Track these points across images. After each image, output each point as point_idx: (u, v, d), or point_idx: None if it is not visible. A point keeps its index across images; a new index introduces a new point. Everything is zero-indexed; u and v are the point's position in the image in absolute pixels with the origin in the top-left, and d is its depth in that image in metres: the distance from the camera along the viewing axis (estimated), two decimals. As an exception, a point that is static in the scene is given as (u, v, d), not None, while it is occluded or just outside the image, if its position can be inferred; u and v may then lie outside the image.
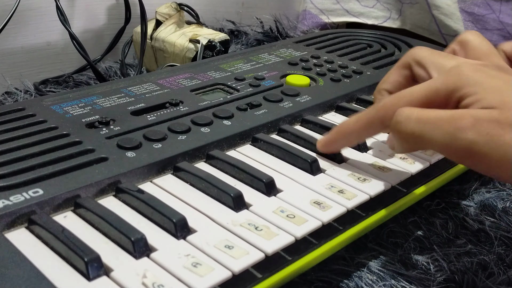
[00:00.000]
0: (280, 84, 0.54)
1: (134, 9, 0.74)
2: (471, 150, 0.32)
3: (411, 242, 0.42)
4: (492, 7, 0.78)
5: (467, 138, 0.32)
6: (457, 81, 0.35)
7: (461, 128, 0.32)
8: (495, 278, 0.39)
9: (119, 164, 0.38)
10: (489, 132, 0.32)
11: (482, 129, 0.32)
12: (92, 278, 0.29)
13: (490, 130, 0.32)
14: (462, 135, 0.32)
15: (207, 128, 0.44)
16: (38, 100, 0.47)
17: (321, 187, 0.39)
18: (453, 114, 0.33)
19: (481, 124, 0.32)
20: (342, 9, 0.94)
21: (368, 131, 0.40)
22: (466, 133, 0.32)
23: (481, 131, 0.32)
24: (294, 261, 0.33)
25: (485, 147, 0.32)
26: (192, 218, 0.35)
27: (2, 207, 0.33)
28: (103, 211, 0.34)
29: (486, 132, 0.32)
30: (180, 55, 0.67)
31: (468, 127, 0.32)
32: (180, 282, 0.30)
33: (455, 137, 0.33)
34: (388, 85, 0.43)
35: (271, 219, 0.35)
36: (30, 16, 0.68)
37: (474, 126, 0.32)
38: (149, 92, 0.50)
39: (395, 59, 0.65)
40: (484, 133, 0.32)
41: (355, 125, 0.40)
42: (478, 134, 0.32)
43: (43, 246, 0.32)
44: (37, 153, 0.38)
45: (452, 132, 0.33)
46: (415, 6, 0.86)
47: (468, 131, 0.32)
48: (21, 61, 0.69)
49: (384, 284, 0.38)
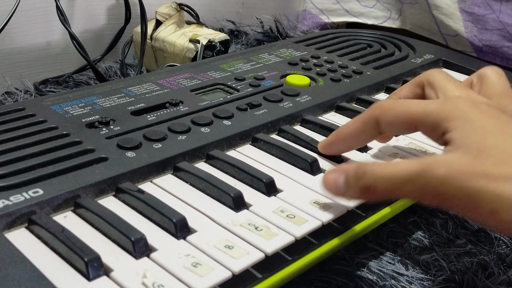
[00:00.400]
0: (280, 84, 0.54)
1: (134, 9, 0.74)
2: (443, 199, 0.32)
3: (411, 242, 0.42)
4: (492, 7, 0.78)
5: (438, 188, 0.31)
6: (450, 111, 0.34)
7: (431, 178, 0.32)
8: (495, 278, 0.39)
9: (119, 164, 0.38)
10: (459, 179, 0.31)
11: (452, 178, 0.31)
12: (92, 278, 0.29)
13: (459, 177, 0.31)
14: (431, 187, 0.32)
15: (207, 128, 0.44)
16: (38, 100, 0.47)
17: (321, 187, 0.39)
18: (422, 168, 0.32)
19: (451, 172, 0.31)
20: (342, 9, 0.94)
21: (365, 131, 0.40)
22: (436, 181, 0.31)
23: (452, 181, 0.31)
24: (294, 261, 0.33)
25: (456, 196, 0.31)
26: (192, 218, 0.35)
27: (2, 207, 0.33)
28: (103, 211, 0.34)
29: (456, 180, 0.31)
30: (180, 55, 0.67)
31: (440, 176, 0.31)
32: (180, 282, 0.30)
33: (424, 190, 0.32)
34: (397, 98, 0.43)
35: (271, 219, 0.35)
36: (30, 16, 0.68)
37: (446, 174, 0.31)
38: (149, 92, 0.50)
39: (395, 59, 0.65)
40: (455, 182, 0.31)
41: (352, 126, 0.40)
42: (449, 184, 0.31)
43: (43, 246, 0.32)
44: (37, 153, 0.38)
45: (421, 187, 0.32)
46: (415, 6, 0.86)
47: (439, 179, 0.31)
48: (21, 61, 0.69)
49: (384, 284, 0.38)
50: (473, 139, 0.32)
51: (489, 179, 0.30)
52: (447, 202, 0.32)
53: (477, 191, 0.30)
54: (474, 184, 0.30)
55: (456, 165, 0.31)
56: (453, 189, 0.31)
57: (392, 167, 0.34)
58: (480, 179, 0.30)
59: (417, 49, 0.68)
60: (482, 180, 0.30)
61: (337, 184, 0.35)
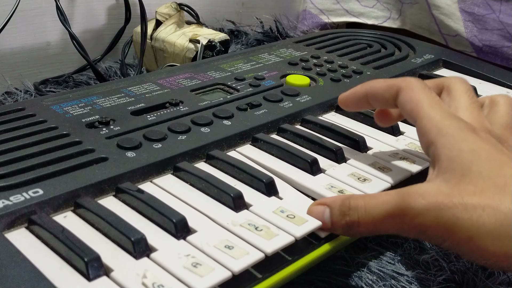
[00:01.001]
0: (280, 84, 0.54)
1: (134, 9, 0.74)
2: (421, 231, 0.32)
3: (411, 242, 0.42)
4: (492, 7, 0.78)
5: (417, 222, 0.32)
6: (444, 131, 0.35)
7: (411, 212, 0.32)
8: (495, 278, 0.39)
9: (119, 164, 0.38)
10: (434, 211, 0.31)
11: (428, 210, 0.31)
12: (92, 278, 0.29)
13: (434, 209, 0.31)
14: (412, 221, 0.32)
15: (207, 128, 0.44)
16: (38, 100, 0.47)
17: (321, 187, 0.39)
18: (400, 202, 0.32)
19: (426, 205, 0.31)
20: (342, 9, 0.94)
21: (385, 94, 0.39)
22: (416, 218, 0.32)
23: (427, 213, 0.31)
24: (294, 261, 0.33)
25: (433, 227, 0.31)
26: (192, 218, 0.35)
27: (2, 207, 0.33)
28: (103, 211, 0.34)
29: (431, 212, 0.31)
30: (180, 55, 0.67)
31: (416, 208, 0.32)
32: (180, 282, 0.30)
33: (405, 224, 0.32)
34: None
35: (271, 219, 0.35)
36: (30, 16, 0.68)
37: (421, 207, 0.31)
38: (149, 92, 0.50)
39: (395, 59, 0.65)
40: (429, 214, 0.31)
41: (378, 83, 0.40)
42: (424, 216, 0.31)
43: (43, 246, 0.32)
44: (37, 153, 0.38)
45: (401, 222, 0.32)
46: (415, 6, 0.86)
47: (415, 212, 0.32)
48: (21, 61, 0.69)
49: (384, 284, 0.38)
50: (458, 163, 0.33)
51: (466, 208, 0.30)
52: (424, 233, 0.32)
53: (452, 221, 0.31)
54: (449, 214, 0.31)
55: (433, 197, 0.32)
56: (429, 220, 0.31)
57: (373, 200, 0.34)
58: (456, 209, 0.31)
59: (417, 49, 0.68)
60: (457, 209, 0.31)
61: (321, 218, 0.35)
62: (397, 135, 0.48)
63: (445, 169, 0.33)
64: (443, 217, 0.31)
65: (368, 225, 0.33)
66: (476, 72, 0.64)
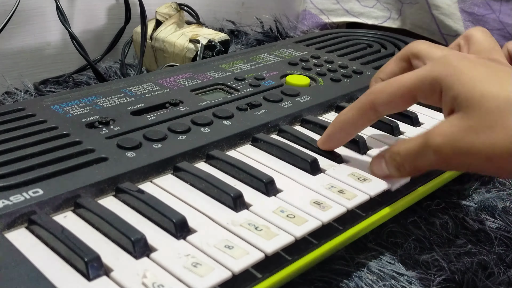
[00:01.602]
0: (280, 84, 0.54)
1: (134, 9, 0.74)
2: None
3: (411, 242, 0.42)
4: (492, 7, 0.78)
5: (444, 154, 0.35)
6: (442, 70, 0.36)
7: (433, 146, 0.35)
8: (495, 278, 0.39)
9: (119, 164, 0.38)
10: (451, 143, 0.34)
11: (446, 144, 0.34)
12: (92, 278, 0.29)
13: (451, 141, 0.34)
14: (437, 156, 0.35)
15: (207, 128, 0.44)
16: (38, 100, 0.47)
17: (321, 187, 0.39)
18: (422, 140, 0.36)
19: (444, 139, 0.34)
20: (342, 9, 0.94)
21: (362, 117, 0.41)
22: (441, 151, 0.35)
23: (446, 146, 0.34)
24: (294, 261, 0.33)
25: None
26: (192, 218, 0.35)
27: (2, 207, 0.33)
28: (103, 211, 0.34)
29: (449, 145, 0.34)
30: (180, 55, 0.67)
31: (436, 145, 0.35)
32: (180, 282, 0.30)
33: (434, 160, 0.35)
34: (384, 74, 0.45)
35: (271, 219, 0.35)
36: (30, 16, 0.68)
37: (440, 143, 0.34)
38: (149, 92, 0.50)
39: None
40: (448, 147, 0.34)
41: (348, 113, 0.41)
42: (445, 150, 0.34)
43: (43, 246, 0.32)
44: (37, 153, 0.38)
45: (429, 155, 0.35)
46: (415, 6, 0.86)
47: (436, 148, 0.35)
48: (21, 61, 0.69)
49: (384, 284, 0.38)
50: (463, 93, 0.34)
51: (478, 132, 0.33)
52: (450, 164, 0.36)
53: (467, 148, 0.33)
54: (463, 142, 0.33)
55: (448, 131, 0.34)
56: (449, 152, 0.34)
57: (405, 144, 0.37)
58: (470, 135, 0.33)
59: (417, 49, 0.68)
60: (471, 135, 0.33)
61: (382, 170, 0.40)
62: (397, 135, 0.48)
63: (457, 106, 0.34)
64: (458, 146, 0.33)
65: (410, 166, 0.37)
66: (476, 72, 0.64)
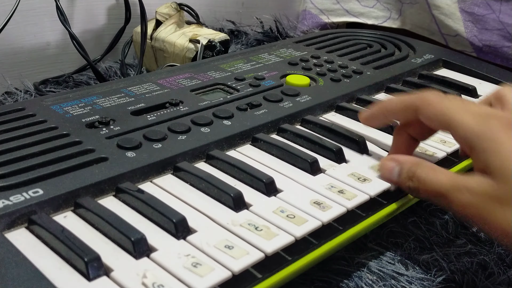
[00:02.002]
0: (280, 84, 0.54)
1: (134, 9, 0.74)
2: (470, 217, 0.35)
3: (411, 242, 0.42)
4: (492, 7, 0.78)
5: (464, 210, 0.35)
6: (483, 131, 0.35)
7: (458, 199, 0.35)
8: (495, 278, 0.39)
9: (119, 164, 0.38)
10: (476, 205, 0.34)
11: (471, 204, 0.35)
12: (92, 278, 0.29)
13: (476, 204, 0.34)
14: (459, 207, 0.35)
15: (207, 128, 0.44)
16: (38, 100, 0.47)
17: (321, 187, 0.39)
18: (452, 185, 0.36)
19: (471, 199, 0.35)
20: (342, 9, 0.94)
21: (404, 113, 0.41)
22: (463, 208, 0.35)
23: (470, 206, 0.35)
24: (294, 261, 0.33)
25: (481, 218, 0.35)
26: (192, 218, 0.35)
27: (2, 207, 0.33)
28: (103, 211, 0.34)
29: (473, 206, 0.35)
30: (180, 55, 0.67)
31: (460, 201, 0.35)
32: (180, 282, 0.30)
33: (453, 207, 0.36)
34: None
35: (271, 219, 0.35)
36: (30, 16, 0.68)
37: (465, 201, 0.35)
38: (149, 92, 0.50)
39: (395, 59, 0.65)
40: (472, 208, 0.35)
41: (395, 104, 0.42)
42: (468, 209, 0.35)
43: (43, 246, 0.32)
44: (37, 153, 0.38)
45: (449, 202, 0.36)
46: (415, 6, 0.86)
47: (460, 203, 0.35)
48: (21, 61, 0.69)
49: (384, 284, 0.38)
50: (498, 162, 0.34)
51: (503, 204, 0.33)
52: (467, 221, 0.37)
53: (490, 216, 0.34)
54: (488, 209, 0.34)
55: (476, 192, 0.34)
56: (471, 213, 0.35)
57: (433, 176, 0.37)
58: (494, 204, 0.33)
59: (417, 49, 0.68)
60: (495, 205, 0.33)
61: (391, 173, 0.40)
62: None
63: (489, 171, 0.34)
64: (482, 213, 0.34)
65: (426, 195, 0.38)
66: (476, 72, 0.64)
